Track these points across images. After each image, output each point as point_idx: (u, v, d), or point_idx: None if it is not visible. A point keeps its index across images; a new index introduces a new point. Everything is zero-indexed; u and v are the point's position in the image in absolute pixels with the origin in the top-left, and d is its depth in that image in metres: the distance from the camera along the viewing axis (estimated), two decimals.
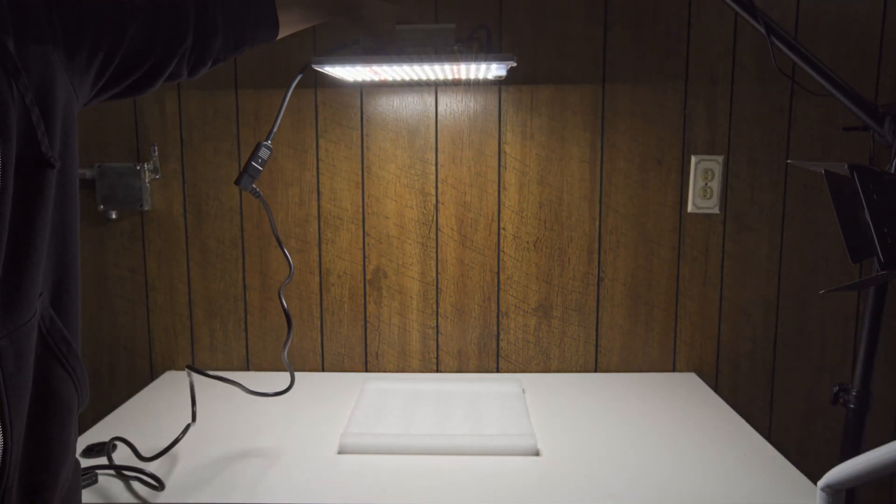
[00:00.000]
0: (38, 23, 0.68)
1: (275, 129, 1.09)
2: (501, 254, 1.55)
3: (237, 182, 1.07)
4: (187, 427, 1.15)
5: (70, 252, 0.73)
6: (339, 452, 1.13)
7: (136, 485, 1.03)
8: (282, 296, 1.11)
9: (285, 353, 1.12)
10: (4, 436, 0.63)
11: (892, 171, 1.13)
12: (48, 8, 0.71)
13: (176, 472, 1.06)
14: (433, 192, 1.52)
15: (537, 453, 1.13)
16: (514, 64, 1.13)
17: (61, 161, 0.68)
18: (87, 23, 0.76)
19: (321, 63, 1.08)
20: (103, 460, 1.09)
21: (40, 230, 0.65)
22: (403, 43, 1.08)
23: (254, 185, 1.09)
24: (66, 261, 0.72)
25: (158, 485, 1.00)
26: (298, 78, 1.11)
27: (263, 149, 1.08)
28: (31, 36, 0.66)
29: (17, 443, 0.65)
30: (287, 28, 1.02)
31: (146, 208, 1.52)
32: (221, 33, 0.92)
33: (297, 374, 1.55)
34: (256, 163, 1.08)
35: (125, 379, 1.59)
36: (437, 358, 1.57)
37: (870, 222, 1.07)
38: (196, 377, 1.14)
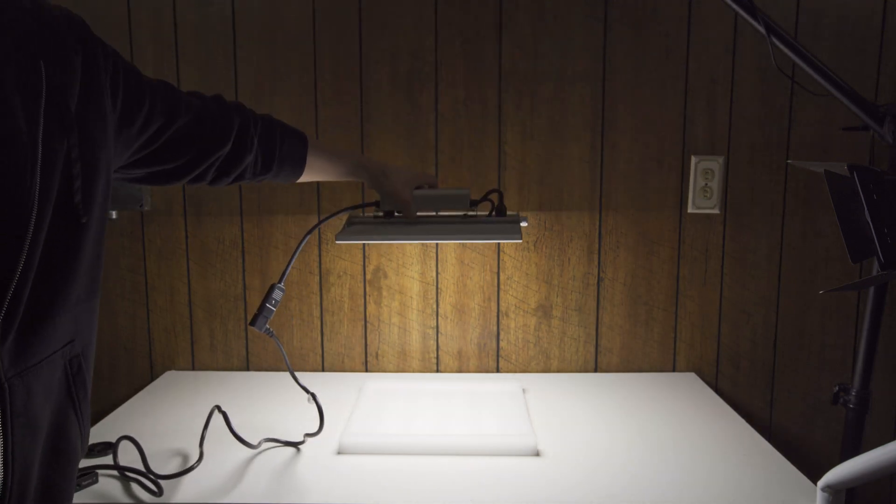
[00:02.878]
0: (103, 88, 0.72)
1: (286, 273, 1.13)
2: (501, 254, 1.54)
3: (252, 323, 1.11)
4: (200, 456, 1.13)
5: (95, 301, 0.74)
6: (339, 452, 1.13)
7: (134, 486, 1.03)
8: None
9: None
10: (5, 475, 0.62)
11: (892, 171, 1.13)
12: (115, 75, 0.75)
13: (174, 471, 1.06)
14: None
15: (537, 453, 1.13)
16: (525, 224, 1.20)
17: (97, 215, 0.71)
18: (145, 100, 0.81)
19: (344, 238, 1.12)
20: (104, 460, 1.09)
21: (69, 278, 0.67)
22: (420, 207, 1.14)
23: (267, 326, 1.12)
24: (92, 308, 0.74)
25: (157, 490, 1.00)
26: (307, 237, 1.16)
27: (277, 291, 1.13)
28: (93, 99, 0.71)
29: (19, 484, 0.64)
30: (312, 173, 1.08)
31: (146, 208, 1.52)
32: (254, 153, 0.98)
33: (296, 374, 1.55)
34: (270, 304, 1.11)
35: (125, 379, 1.59)
36: (437, 358, 1.57)
37: (870, 222, 1.07)
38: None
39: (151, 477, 1.03)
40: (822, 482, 0.89)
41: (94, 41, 0.72)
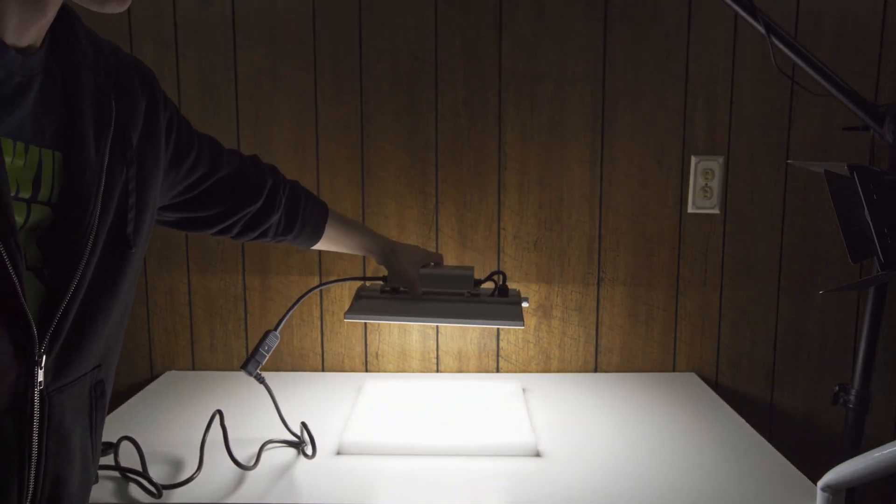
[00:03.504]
0: (160, 131, 0.79)
1: (283, 321, 1.13)
2: (502, 254, 1.54)
3: (243, 367, 1.11)
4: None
5: (122, 329, 0.78)
6: (339, 453, 1.13)
7: (134, 487, 1.03)
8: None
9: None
10: (35, 489, 0.64)
11: (892, 171, 1.13)
12: (171, 121, 0.83)
13: (175, 471, 1.06)
14: (433, 192, 1.52)
15: (537, 453, 1.13)
16: (527, 304, 1.23)
17: (140, 247, 0.76)
18: (194, 148, 0.89)
19: (352, 316, 1.13)
20: (104, 460, 1.09)
21: (110, 303, 0.71)
22: (426, 285, 1.19)
23: (258, 371, 1.13)
24: (119, 337, 0.77)
25: (156, 491, 1.00)
26: (309, 293, 1.19)
27: (271, 337, 1.13)
28: (152, 139, 0.78)
29: (49, 500, 0.66)
30: (327, 242, 1.15)
31: None
32: (279, 213, 1.04)
33: (297, 374, 1.55)
34: (264, 350, 1.12)
35: (125, 379, 1.59)
36: (437, 358, 1.57)
37: (870, 222, 1.07)
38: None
39: (151, 478, 1.03)
40: (822, 482, 0.89)
41: (157, 89, 0.81)
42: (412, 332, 1.56)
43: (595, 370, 1.58)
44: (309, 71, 1.49)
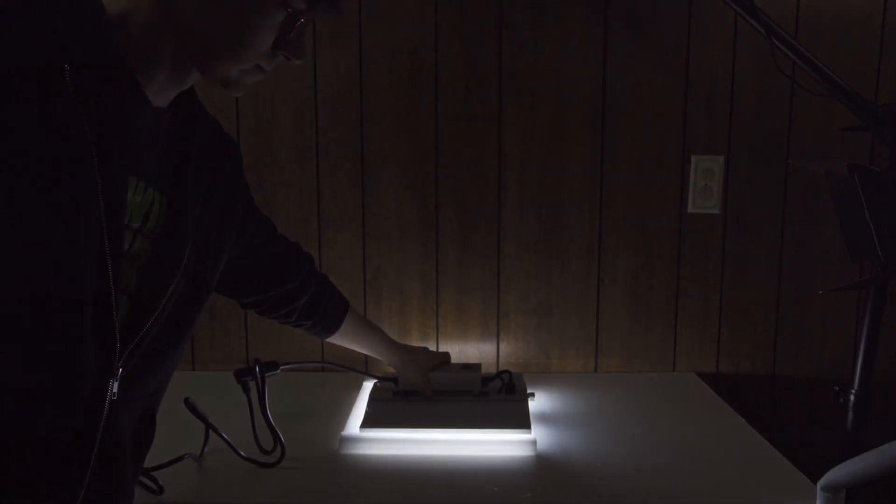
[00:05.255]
0: (239, 196, 0.93)
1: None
2: (501, 253, 1.54)
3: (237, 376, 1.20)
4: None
5: (174, 368, 0.85)
6: (339, 452, 1.13)
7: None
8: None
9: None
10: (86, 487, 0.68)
11: (892, 171, 1.13)
12: (246, 190, 0.97)
13: (175, 472, 1.06)
14: (433, 192, 1.52)
15: (537, 454, 1.13)
16: (533, 400, 1.30)
17: (209, 293, 0.86)
18: (256, 218, 1.03)
19: (369, 427, 1.17)
20: None
21: (181, 336, 0.81)
22: (437, 387, 1.29)
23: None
24: (171, 374, 0.84)
25: (157, 488, 1.00)
26: (307, 363, 1.27)
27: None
28: (234, 200, 0.90)
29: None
30: (343, 338, 1.23)
31: None
32: (307, 297, 1.13)
33: (297, 374, 1.55)
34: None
35: None
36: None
37: (870, 222, 1.07)
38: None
39: (153, 475, 1.03)
40: (822, 482, 0.89)
41: (241, 164, 0.94)
42: (412, 332, 1.56)
43: (595, 370, 1.58)
44: (309, 71, 1.49)
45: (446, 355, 1.35)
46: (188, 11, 0.68)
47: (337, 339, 1.23)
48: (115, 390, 0.69)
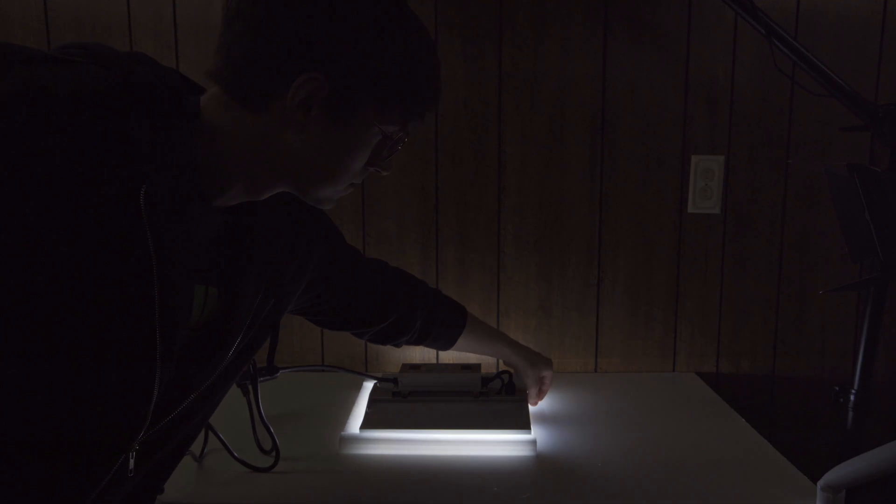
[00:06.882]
0: (306, 271, 0.92)
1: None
2: (501, 254, 1.54)
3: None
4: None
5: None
6: (339, 452, 1.13)
7: None
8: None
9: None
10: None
11: (892, 171, 1.13)
12: (323, 264, 0.97)
13: (175, 472, 1.06)
14: (433, 192, 1.52)
15: (537, 453, 1.13)
16: (533, 407, 1.30)
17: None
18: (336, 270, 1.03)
19: (368, 429, 1.17)
20: None
21: (214, 397, 0.82)
22: (437, 388, 1.30)
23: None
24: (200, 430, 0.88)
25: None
26: (306, 368, 1.27)
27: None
28: (296, 282, 0.91)
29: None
30: (462, 348, 1.24)
31: None
32: (411, 331, 1.14)
33: (297, 373, 1.55)
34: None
35: None
36: (437, 358, 1.57)
37: (870, 222, 1.07)
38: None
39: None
40: (822, 482, 0.89)
41: (317, 244, 0.93)
42: None
43: (595, 370, 1.58)
44: None
45: (550, 361, 1.32)
46: (294, 146, 0.69)
47: (458, 349, 1.24)
48: (131, 466, 0.69)
